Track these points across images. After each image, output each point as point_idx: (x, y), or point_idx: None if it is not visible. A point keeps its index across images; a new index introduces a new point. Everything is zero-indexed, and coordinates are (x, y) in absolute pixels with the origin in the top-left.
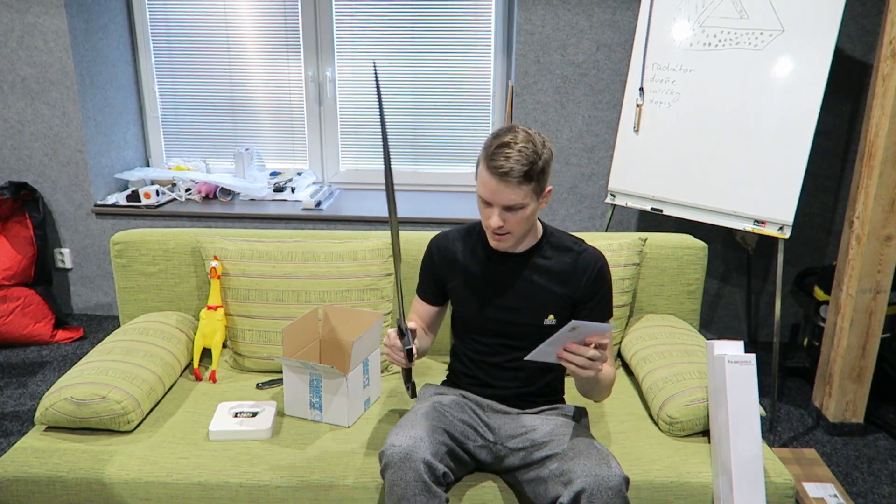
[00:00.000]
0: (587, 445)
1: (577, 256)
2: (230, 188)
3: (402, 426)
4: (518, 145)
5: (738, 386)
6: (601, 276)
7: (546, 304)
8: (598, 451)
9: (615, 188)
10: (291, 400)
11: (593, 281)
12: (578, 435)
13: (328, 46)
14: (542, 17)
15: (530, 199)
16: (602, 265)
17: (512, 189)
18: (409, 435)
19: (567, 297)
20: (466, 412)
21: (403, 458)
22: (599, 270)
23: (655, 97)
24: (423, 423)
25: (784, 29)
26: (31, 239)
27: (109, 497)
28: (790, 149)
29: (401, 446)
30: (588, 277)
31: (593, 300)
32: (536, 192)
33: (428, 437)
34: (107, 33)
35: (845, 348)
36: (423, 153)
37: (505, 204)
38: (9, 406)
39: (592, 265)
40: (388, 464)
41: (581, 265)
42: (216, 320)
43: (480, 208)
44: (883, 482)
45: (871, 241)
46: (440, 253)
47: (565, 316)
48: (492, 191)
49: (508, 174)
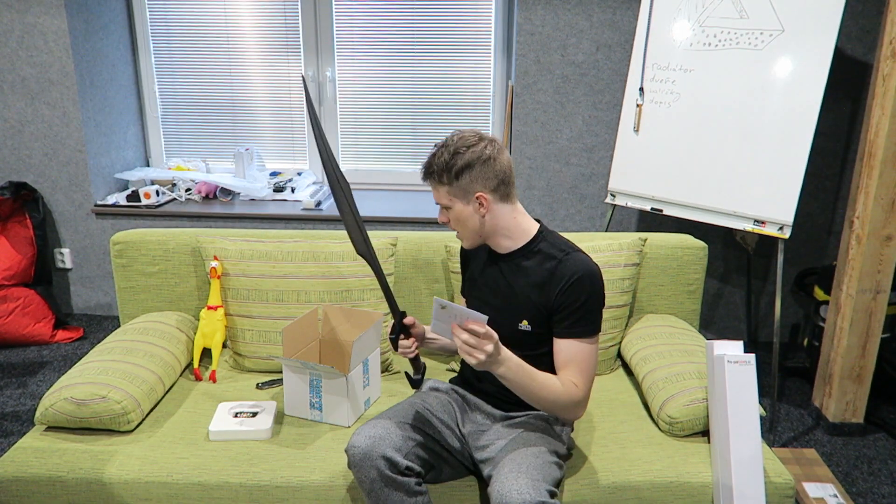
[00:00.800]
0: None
1: (557, 264)
2: (230, 188)
3: (367, 423)
4: (444, 146)
5: (738, 386)
6: (578, 287)
7: (521, 308)
8: (517, 466)
9: (615, 188)
10: (291, 400)
11: (566, 291)
12: (518, 450)
13: (328, 46)
14: (542, 17)
15: (452, 200)
16: (580, 276)
17: (433, 188)
18: (368, 434)
19: (542, 304)
20: (448, 412)
21: (363, 457)
22: (577, 281)
23: (655, 97)
24: (389, 419)
25: (784, 29)
26: (31, 239)
27: (109, 497)
28: (790, 149)
29: (359, 447)
30: (562, 287)
31: (567, 310)
32: (457, 195)
33: (390, 432)
34: (107, 33)
35: (845, 348)
36: (424, 153)
37: (437, 202)
38: (9, 406)
39: (570, 275)
40: (351, 463)
41: (558, 274)
42: (216, 320)
43: None
44: (883, 482)
45: (871, 241)
46: (464, 251)
47: (540, 323)
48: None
49: (426, 172)
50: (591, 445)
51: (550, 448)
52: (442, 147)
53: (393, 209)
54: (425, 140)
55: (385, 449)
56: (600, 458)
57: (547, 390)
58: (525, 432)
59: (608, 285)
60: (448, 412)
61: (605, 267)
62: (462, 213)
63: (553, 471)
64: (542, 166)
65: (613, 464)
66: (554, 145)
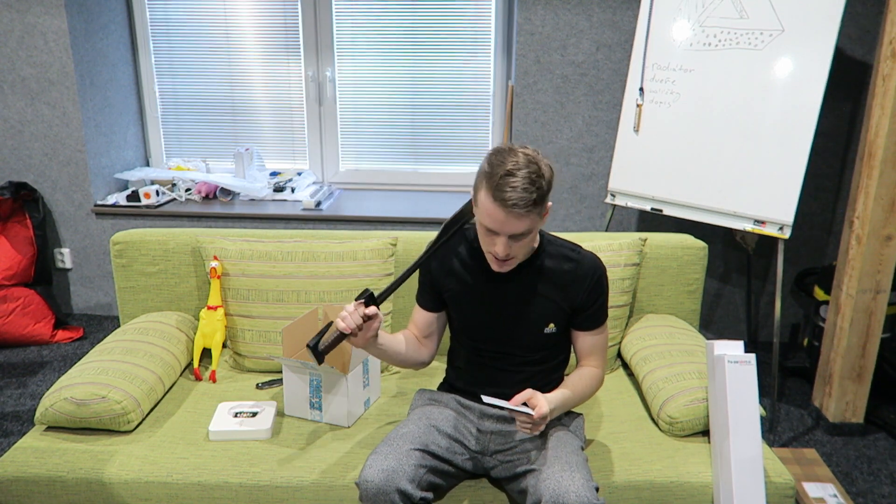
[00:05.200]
0: (561, 460)
1: (576, 265)
2: (230, 188)
3: (378, 453)
4: (522, 171)
5: (738, 386)
6: (600, 284)
7: (546, 312)
8: (567, 465)
9: (615, 188)
10: (291, 400)
11: (593, 290)
12: (559, 449)
13: (328, 46)
14: (542, 17)
15: (536, 223)
16: (601, 273)
17: (519, 219)
18: (381, 468)
19: (567, 305)
20: (454, 425)
21: (377, 492)
22: (599, 279)
23: (655, 97)
24: (400, 449)
25: (784, 29)
26: (31, 239)
27: (109, 497)
28: (790, 149)
29: (374, 482)
30: (588, 286)
31: (592, 308)
32: (540, 213)
33: (402, 463)
34: (107, 33)
35: (845, 348)
36: (423, 153)
37: (512, 233)
38: (9, 406)
39: (592, 273)
40: (364, 497)
41: (581, 273)
42: (216, 320)
43: (481, 234)
44: (883, 482)
45: (871, 241)
46: (438, 259)
47: (564, 323)
48: (499, 222)
49: (517, 205)
50: (591, 445)
51: (578, 443)
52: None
53: (393, 209)
54: (425, 140)
55: (399, 482)
56: (600, 458)
57: (584, 395)
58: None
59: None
60: (454, 426)
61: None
62: (535, 236)
63: (588, 467)
64: None
65: (613, 464)
66: (554, 145)
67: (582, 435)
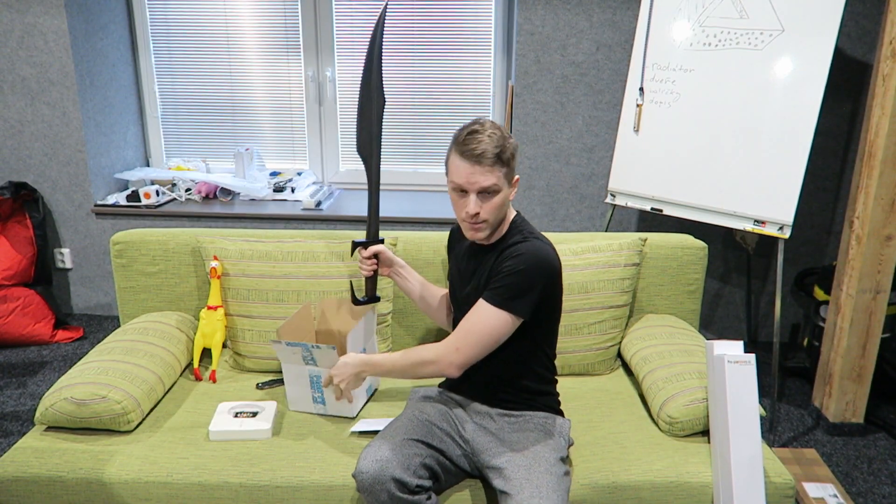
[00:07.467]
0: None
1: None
2: (230, 188)
3: (372, 445)
4: (487, 131)
5: (738, 386)
6: (515, 259)
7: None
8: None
9: (615, 188)
10: (294, 396)
11: (504, 259)
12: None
13: (328, 46)
14: (542, 17)
15: (503, 183)
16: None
17: (486, 171)
18: (375, 458)
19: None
20: (447, 420)
21: (373, 481)
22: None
23: (655, 97)
24: (393, 439)
25: (784, 29)
26: (31, 239)
27: (109, 497)
28: (790, 149)
29: (368, 472)
30: (505, 256)
31: (495, 277)
32: (508, 178)
33: (396, 453)
34: (107, 33)
35: (845, 348)
36: (423, 153)
37: (481, 187)
38: (9, 406)
39: (517, 249)
40: (361, 488)
41: (513, 252)
42: (216, 320)
43: (454, 199)
44: (883, 482)
45: (871, 241)
46: (450, 241)
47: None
48: (467, 175)
49: (482, 156)
50: (591, 445)
51: (558, 455)
52: (487, 132)
53: (393, 209)
54: (425, 140)
55: (394, 471)
56: (600, 458)
57: (404, 367)
58: (533, 440)
59: (608, 285)
60: (447, 420)
61: (605, 267)
62: (503, 200)
63: (565, 483)
64: (542, 166)
65: (613, 464)
66: (554, 145)
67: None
